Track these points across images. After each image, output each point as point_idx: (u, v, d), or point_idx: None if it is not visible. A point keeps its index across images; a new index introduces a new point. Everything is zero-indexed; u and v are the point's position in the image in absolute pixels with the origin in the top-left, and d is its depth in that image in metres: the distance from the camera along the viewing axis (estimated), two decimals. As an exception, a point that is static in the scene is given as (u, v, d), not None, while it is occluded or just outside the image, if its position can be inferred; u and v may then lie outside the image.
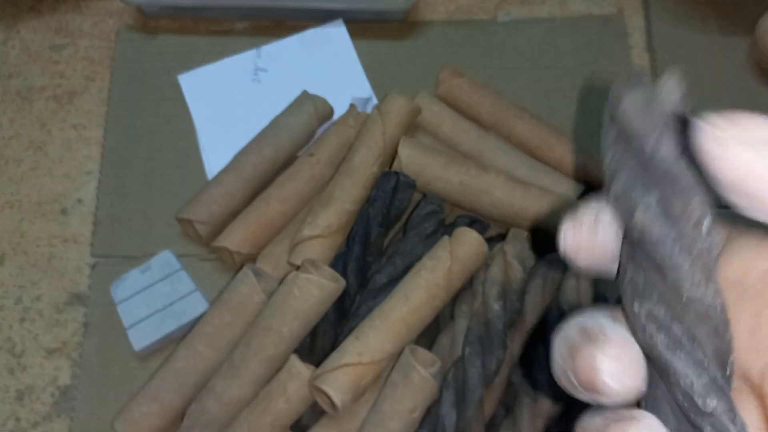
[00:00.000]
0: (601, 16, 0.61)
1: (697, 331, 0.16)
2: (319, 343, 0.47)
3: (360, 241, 0.49)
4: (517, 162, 0.53)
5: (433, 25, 0.61)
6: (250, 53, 0.58)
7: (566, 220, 0.18)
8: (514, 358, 0.47)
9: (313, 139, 0.55)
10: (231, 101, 0.57)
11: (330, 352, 0.45)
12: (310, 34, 0.59)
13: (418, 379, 0.43)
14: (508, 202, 0.50)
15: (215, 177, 0.52)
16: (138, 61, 0.58)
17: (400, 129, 0.52)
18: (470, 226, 0.50)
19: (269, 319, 0.45)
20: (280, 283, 0.47)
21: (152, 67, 0.58)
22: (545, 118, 0.55)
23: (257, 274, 0.47)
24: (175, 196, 0.53)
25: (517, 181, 0.51)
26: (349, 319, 0.47)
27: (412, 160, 0.51)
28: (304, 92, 0.55)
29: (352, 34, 0.59)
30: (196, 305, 0.48)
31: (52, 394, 0.48)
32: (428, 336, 0.47)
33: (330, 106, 0.55)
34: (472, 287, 0.48)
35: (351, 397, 0.43)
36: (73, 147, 0.55)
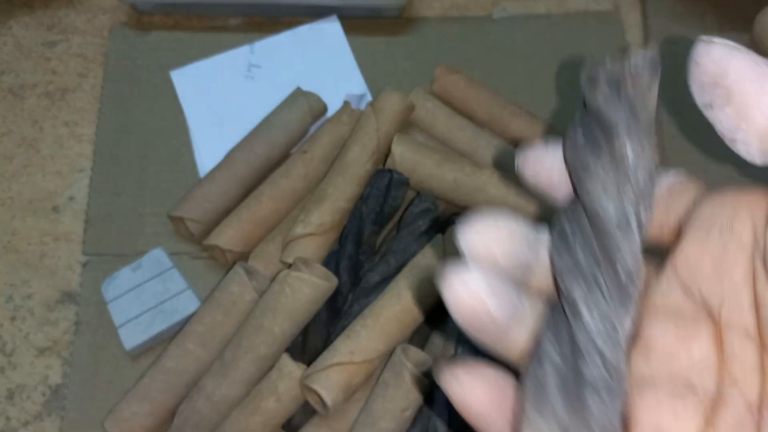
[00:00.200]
0: (598, 12, 0.61)
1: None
2: (310, 342, 0.47)
3: (353, 240, 0.48)
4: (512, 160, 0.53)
5: (429, 22, 0.60)
6: (244, 49, 0.58)
7: (526, 149, 0.21)
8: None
9: (307, 136, 0.54)
10: (224, 98, 0.56)
11: (322, 351, 0.44)
12: (304, 31, 0.59)
13: (410, 379, 0.43)
14: (502, 200, 0.50)
15: (208, 174, 0.52)
16: (131, 57, 0.58)
17: (395, 126, 0.52)
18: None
19: (261, 318, 0.45)
20: (272, 281, 0.46)
21: (145, 64, 0.58)
22: (541, 116, 0.55)
23: (249, 272, 0.47)
24: (167, 194, 0.52)
25: (512, 179, 0.51)
26: (341, 318, 0.47)
27: (406, 157, 0.51)
28: (298, 89, 0.54)
29: (347, 31, 0.59)
30: (188, 304, 0.48)
31: (43, 393, 0.48)
32: (421, 335, 0.47)
33: (324, 102, 0.54)
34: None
35: (342, 397, 0.43)
36: (65, 144, 0.55)
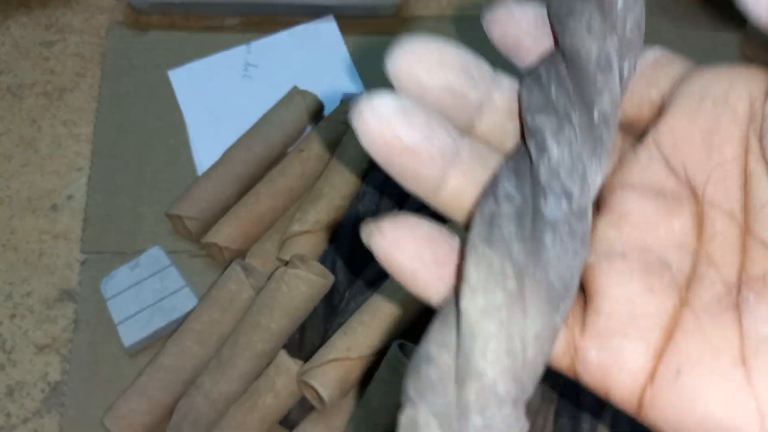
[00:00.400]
0: (593, 11, 0.61)
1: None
2: (307, 339, 0.47)
3: (349, 237, 0.49)
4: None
5: (425, 21, 0.60)
6: (241, 49, 0.58)
7: (495, 5, 0.20)
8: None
9: (304, 135, 0.55)
10: (221, 97, 0.57)
11: (319, 348, 0.45)
12: (300, 30, 0.59)
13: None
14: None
15: (205, 173, 0.52)
16: (128, 57, 0.58)
17: (390, 124, 0.52)
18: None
19: (258, 315, 0.45)
20: (269, 278, 0.47)
21: (142, 63, 0.58)
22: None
23: (246, 270, 0.47)
24: (165, 193, 0.53)
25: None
26: (338, 315, 0.47)
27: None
28: (295, 88, 0.55)
29: (343, 30, 0.59)
30: (186, 301, 0.48)
31: (42, 390, 0.48)
32: (418, 331, 0.47)
33: (321, 101, 0.55)
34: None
35: (339, 393, 0.43)
36: (64, 143, 0.55)
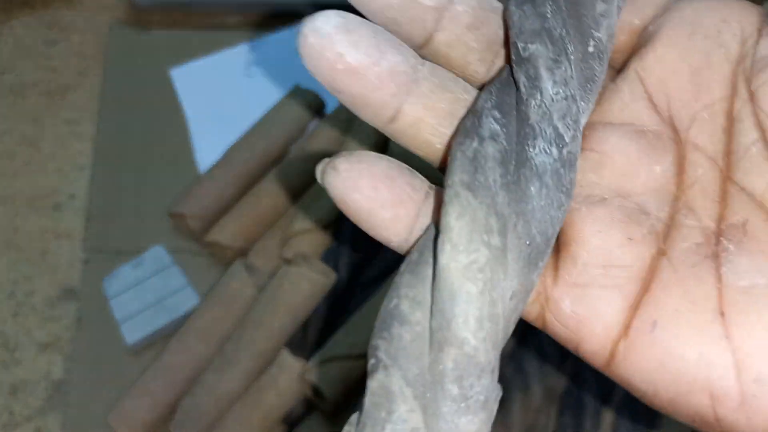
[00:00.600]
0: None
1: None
2: (310, 337, 0.47)
3: (351, 235, 0.49)
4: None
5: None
6: (243, 47, 0.58)
7: None
8: (506, 351, 0.47)
9: (306, 133, 0.55)
10: (223, 95, 0.57)
11: (321, 346, 0.45)
12: (302, 28, 0.59)
13: (409, 373, 0.43)
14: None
15: (207, 172, 0.52)
16: (130, 55, 0.58)
17: (392, 123, 0.52)
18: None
19: (260, 314, 0.45)
20: (272, 277, 0.47)
21: (145, 62, 0.58)
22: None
23: (249, 268, 0.48)
24: (167, 191, 0.53)
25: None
26: (340, 313, 0.47)
27: (403, 153, 0.51)
28: (297, 86, 0.55)
29: (345, 28, 0.59)
30: (188, 300, 0.49)
31: (46, 388, 0.48)
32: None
33: (322, 100, 0.55)
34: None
35: (341, 391, 0.43)
36: (66, 142, 0.56)
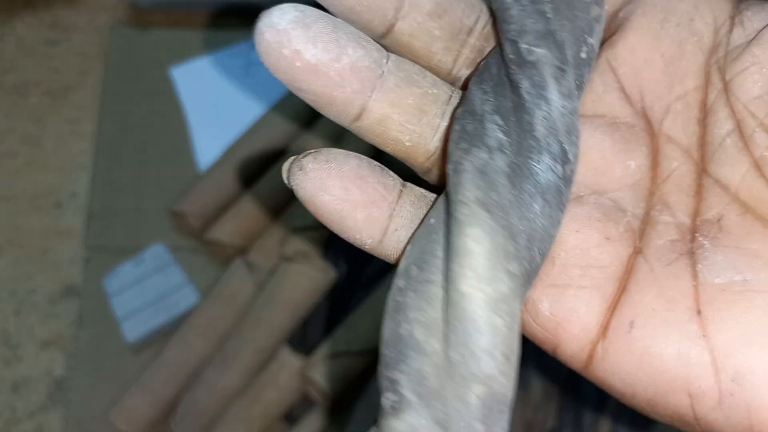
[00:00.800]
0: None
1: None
2: (310, 334, 0.47)
3: (351, 233, 0.49)
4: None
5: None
6: (243, 46, 0.59)
7: None
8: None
9: (305, 132, 0.55)
10: (224, 94, 0.57)
11: (321, 342, 0.45)
12: (302, 28, 0.59)
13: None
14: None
15: (208, 170, 0.53)
16: (131, 55, 0.59)
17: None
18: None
19: (260, 311, 0.46)
20: (272, 274, 0.47)
21: (146, 61, 0.58)
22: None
23: (249, 266, 0.48)
24: (167, 190, 0.53)
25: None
26: (340, 310, 0.47)
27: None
28: (297, 85, 0.55)
29: (345, 27, 0.59)
30: (189, 297, 0.49)
31: (47, 385, 0.49)
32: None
33: (322, 99, 0.55)
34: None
35: (341, 387, 0.43)
36: (67, 141, 0.56)
